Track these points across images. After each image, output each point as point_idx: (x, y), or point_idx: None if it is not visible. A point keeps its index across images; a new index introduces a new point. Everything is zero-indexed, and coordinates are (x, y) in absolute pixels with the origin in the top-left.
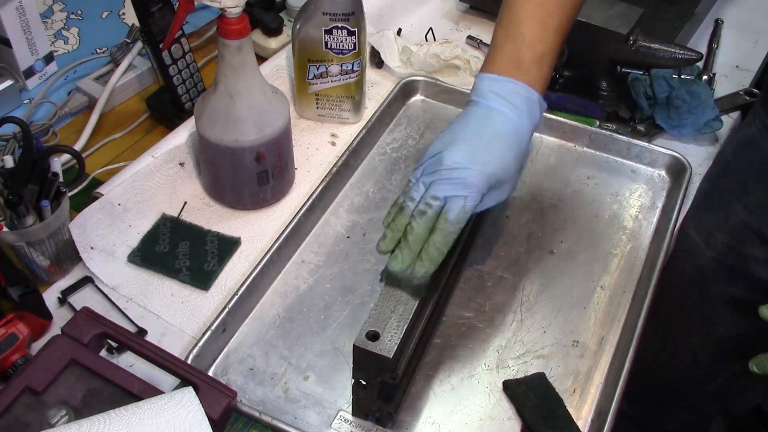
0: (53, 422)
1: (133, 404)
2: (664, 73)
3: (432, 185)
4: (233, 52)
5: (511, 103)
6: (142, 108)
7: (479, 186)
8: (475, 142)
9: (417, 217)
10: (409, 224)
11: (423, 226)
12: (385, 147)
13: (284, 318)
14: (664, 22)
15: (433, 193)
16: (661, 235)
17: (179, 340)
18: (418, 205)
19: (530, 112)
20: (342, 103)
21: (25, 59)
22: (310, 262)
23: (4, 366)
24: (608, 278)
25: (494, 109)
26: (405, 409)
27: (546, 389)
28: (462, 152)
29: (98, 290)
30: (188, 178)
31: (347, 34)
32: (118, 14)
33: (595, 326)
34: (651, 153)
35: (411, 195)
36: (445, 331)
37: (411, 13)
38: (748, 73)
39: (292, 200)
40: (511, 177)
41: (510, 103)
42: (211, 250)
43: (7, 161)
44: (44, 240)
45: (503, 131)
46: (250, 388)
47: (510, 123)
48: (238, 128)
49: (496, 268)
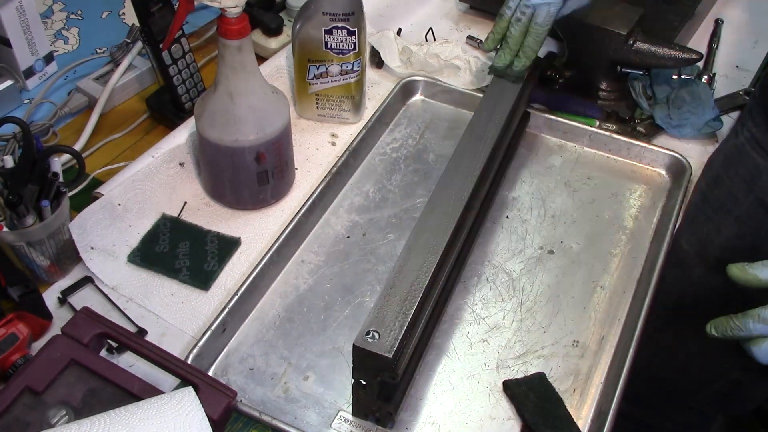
0: (53, 422)
1: (133, 404)
2: (664, 73)
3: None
4: (233, 52)
5: None
6: (142, 108)
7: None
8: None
9: (514, 23)
10: (508, 29)
11: (519, 30)
12: (385, 147)
13: (284, 318)
14: (664, 22)
15: (525, 2)
16: (661, 235)
17: (179, 340)
18: (515, 12)
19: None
20: (342, 103)
21: (25, 59)
22: (310, 262)
23: (4, 366)
24: (608, 278)
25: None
26: (405, 409)
27: (546, 389)
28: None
29: (98, 290)
30: (188, 178)
31: (347, 34)
32: (118, 14)
33: (595, 326)
34: (651, 153)
35: (508, 3)
36: (445, 331)
37: (411, 13)
38: (748, 73)
39: (292, 200)
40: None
41: None
42: (211, 250)
43: (7, 161)
44: (44, 240)
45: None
46: (250, 388)
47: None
48: (238, 128)
49: (496, 268)
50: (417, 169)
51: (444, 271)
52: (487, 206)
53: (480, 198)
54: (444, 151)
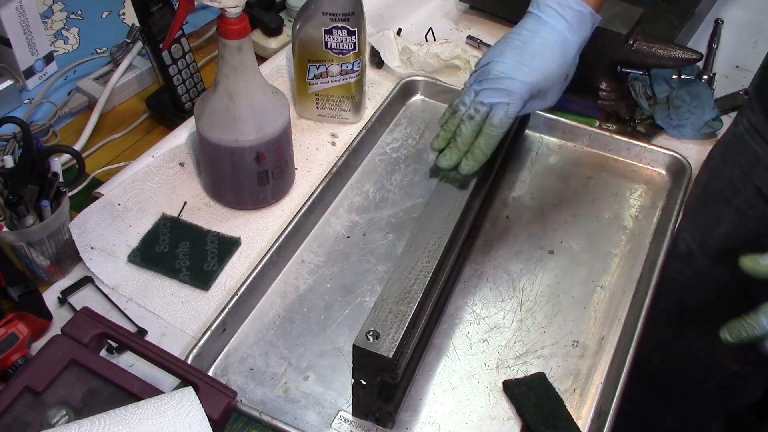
0: (53, 422)
1: (133, 404)
2: (664, 73)
3: (480, 93)
4: (233, 52)
5: (562, 16)
6: (142, 108)
7: (521, 94)
8: (522, 53)
9: (466, 121)
10: (459, 127)
11: (471, 129)
12: (385, 147)
13: (284, 318)
14: (664, 22)
15: (480, 99)
16: (661, 235)
17: (179, 340)
18: (468, 109)
19: (580, 25)
20: (342, 103)
21: (25, 59)
22: (310, 262)
23: (4, 366)
24: (608, 278)
25: (545, 22)
26: (405, 409)
27: (546, 389)
28: (508, 63)
29: (98, 290)
30: (188, 178)
31: (347, 34)
32: (118, 14)
33: (595, 326)
34: (651, 153)
35: (463, 99)
36: (445, 331)
37: (411, 13)
38: (748, 73)
39: (292, 200)
40: (554, 86)
41: (561, 16)
42: (211, 250)
43: (7, 161)
44: (44, 240)
45: (550, 43)
46: (250, 388)
47: (558, 34)
48: (238, 128)
49: (496, 268)
50: (417, 169)
51: (444, 271)
52: (487, 206)
53: (480, 198)
54: None
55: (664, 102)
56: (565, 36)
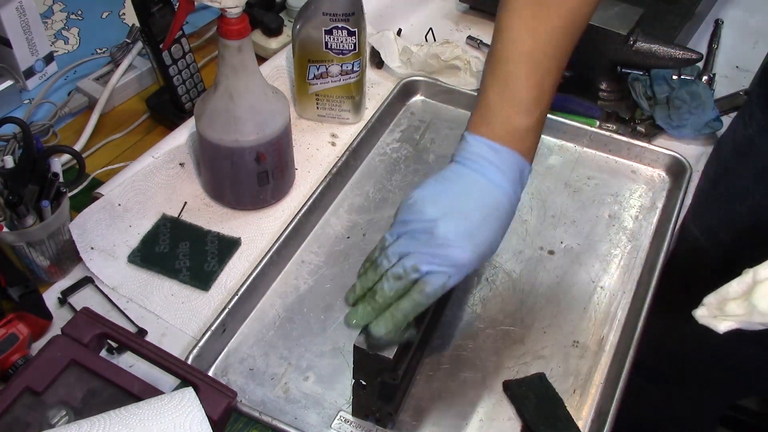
0: (53, 422)
1: (133, 404)
2: (664, 73)
3: (416, 255)
4: (233, 52)
5: (507, 177)
6: (142, 108)
7: (468, 266)
8: (473, 219)
9: (391, 279)
10: (380, 283)
11: (394, 291)
12: (385, 147)
13: (284, 318)
14: (664, 22)
15: (416, 263)
16: (661, 235)
17: (179, 340)
18: (394, 265)
19: (522, 182)
20: (342, 104)
21: (25, 59)
22: (310, 262)
23: (4, 366)
24: (608, 278)
25: (495, 184)
26: (405, 409)
27: (546, 389)
28: (459, 229)
29: (98, 290)
30: (188, 179)
31: (347, 34)
32: (118, 14)
33: (595, 326)
34: (651, 153)
35: (387, 254)
36: (445, 331)
37: (411, 14)
38: (748, 74)
39: (292, 200)
40: (495, 251)
41: (507, 177)
42: (211, 251)
43: (7, 161)
44: (44, 240)
45: (500, 207)
46: (250, 389)
47: (506, 198)
48: (238, 128)
49: (495, 268)
50: (417, 169)
51: None
52: None
53: None
54: (444, 152)
55: (664, 102)
56: (513, 199)
